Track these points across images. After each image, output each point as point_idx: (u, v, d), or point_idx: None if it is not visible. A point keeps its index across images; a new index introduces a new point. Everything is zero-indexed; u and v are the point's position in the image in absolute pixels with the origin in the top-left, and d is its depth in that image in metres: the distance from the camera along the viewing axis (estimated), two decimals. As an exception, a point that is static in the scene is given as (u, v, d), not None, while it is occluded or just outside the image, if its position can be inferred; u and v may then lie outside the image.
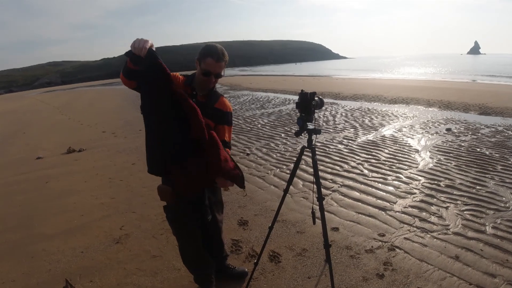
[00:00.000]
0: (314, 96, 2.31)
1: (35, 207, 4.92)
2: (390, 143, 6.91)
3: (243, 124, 10.20)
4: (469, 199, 4.18)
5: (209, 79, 2.21)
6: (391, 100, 13.45)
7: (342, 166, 5.68)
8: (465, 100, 12.10)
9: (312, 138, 2.40)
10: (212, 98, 2.33)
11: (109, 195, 5.07)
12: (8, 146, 10.31)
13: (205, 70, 2.17)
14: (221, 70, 2.21)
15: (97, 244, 3.68)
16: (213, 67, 2.16)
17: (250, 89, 22.41)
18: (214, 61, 2.15)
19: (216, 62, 2.16)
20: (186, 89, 2.23)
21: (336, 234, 3.53)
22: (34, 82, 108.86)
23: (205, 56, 2.16)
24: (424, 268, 2.90)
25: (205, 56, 2.16)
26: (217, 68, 2.18)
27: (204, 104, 2.27)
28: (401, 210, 3.99)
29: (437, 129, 8.04)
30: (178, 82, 2.26)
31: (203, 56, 2.17)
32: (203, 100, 2.30)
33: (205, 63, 2.16)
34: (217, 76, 2.23)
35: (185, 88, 2.24)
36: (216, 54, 2.16)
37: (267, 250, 3.21)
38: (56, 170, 6.82)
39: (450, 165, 5.42)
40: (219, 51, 2.17)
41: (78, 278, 3.08)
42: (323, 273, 2.91)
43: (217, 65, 2.17)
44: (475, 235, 3.39)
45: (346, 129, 8.58)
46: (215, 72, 2.19)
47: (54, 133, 11.92)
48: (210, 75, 2.19)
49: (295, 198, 4.52)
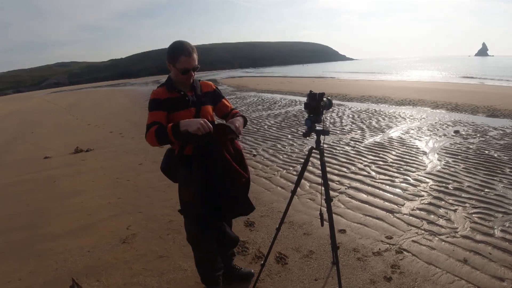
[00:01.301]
0: (323, 96, 2.29)
1: (42, 206, 4.96)
2: (398, 145, 6.87)
3: (249, 125, 10.18)
4: (478, 202, 4.13)
5: (189, 75, 2.30)
6: (398, 101, 13.37)
7: (349, 167, 5.65)
8: (473, 102, 11.98)
9: (320, 139, 2.39)
10: (196, 88, 2.42)
11: (116, 195, 5.09)
12: (17, 145, 10.41)
13: (183, 69, 2.25)
14: (195, 62, 2.29)
15: (104, 243, 3.69)
16: (188, 63, 2.24)
17: (257, 90, 22.42)
18: (187, 57, 2.23)
19: (189, 57, 2.24)
20: (173, 94, 2.32)
21: (343, 236, 3.51)
22: (42, 83, 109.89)
23: (177, 56, 2.23)
24: (432, 271, 2.87)
25: (177, 56, 2.24)
26: (192, 63, 2.26)
27: (196, 97, 2.39)
28: (409, 213, 3.95)
29: (445, 131, 7.97)
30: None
31: (175, 57, 2.25)
32: (192, 94, 2.38)
33: (179, 62, 2.23)
34: (195, 69, 2.32)
35: (172, 94, 2.32)
36: (186, 50, 2.23)
37: (273, 251, 3.20)
38: (64, 170, 6.87)
39: (458, 167, 5.37)
40: (188, 46, 2.25)
41: (84, 278, 3.08)
42: (330, 276, 2.89)
43: (191, 59, 2.24)
44: (483, 238, 3.35)
45: (353, 130, 8.54)
46: (191, 67, 2.27)
47: (61, 133, 12.02)
48: (189, 71, 2.27)
49: (302, 199, 4.50)
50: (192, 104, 2.35)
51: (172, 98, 2.31)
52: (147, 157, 7.10)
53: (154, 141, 2.19)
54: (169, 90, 2.33)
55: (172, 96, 2.31)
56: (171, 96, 2.32)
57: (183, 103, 2.31)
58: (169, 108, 2.30)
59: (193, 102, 2.36)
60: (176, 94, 2.32)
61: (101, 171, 6.48)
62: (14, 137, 12.15)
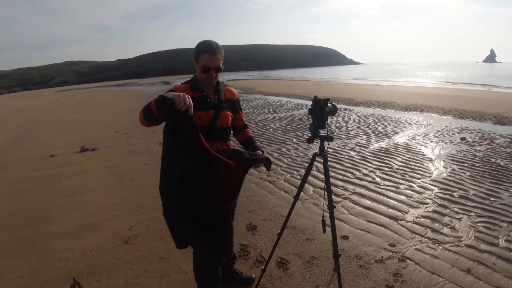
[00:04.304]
0: (327, 102, 2.28)
1: (46, 204, 4.98)
2: (403, 151, 6.82)
3: (255, 128, 10.19)
4: (483, 211, 4.09)
5: (210, 74, 2.23)
6: (405, 107, 13.31)
7: (354, 173, 5.62)
8: (480, 109, 11.89)
9: (324, 145, 2.37)
10: (221, 92, 2.37)
11: (119, 195, 5.10)
12: (23, 143, 10.48)
13: (204, 66, 2.20)
14: (219, 63, 2.24)
15: (106, 243, 3.70)
16: (210, 61, 2.19)
17: (263, 93, 22.44)
18: (210, 56, 2.18)
19: (212, 56, 2.19)
20: (196, 94, 2.24)
21: (345, 243, 3.48)
22: (50, 81, 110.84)
23: (201, 53, 2.20)
24: (435, 281, 2.84)
25: (200, 54, 2.20)
26: (215, 62, 2.21)
27: (218, 100, 2.32)
28: (413, 220, 3.92)
29: (451, 138, 7.91)
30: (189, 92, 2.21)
31: (199, 54, 2.21)
32: (214, 97, 2.33)
33: (201, 60, 2.20)
34: (217, 70, 2.25)
35: (194, 93, 2.24)
36: (211, 48, 2.19)
37: (275, 256, 3.18)
38: (69, 168, 6.90)
39: (464, 175, 5.32)
40: (213, 45, 2.20)
41: (85, 277, 3.09)
42: (332, 282, 2.87)
43: (214, 58, 2.20)
44: (487, 248, 3.31)
45: (358, 135, 8.50)
46: (213, 67, 2.21)
47: (68, 131, 12.09)
48: (210, 70, 2.21)
49: (305, 204, 4.48)
50: (212, 106, 2.29)
51: (193, 97, 2.15)
52: (152, 158, 7.12)
53: (140, 115, 2.13)
54: (192, 89, 2.28)
55: (193, 95, 2.20)
56: (193, 95, 2.17)
57: (204, 103, 2.24)
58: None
59: (213, 104, 2.30)
60: (198, 94, 2.26)
61: (106, 171, 6.50)
62: (20, 134, 12.23)
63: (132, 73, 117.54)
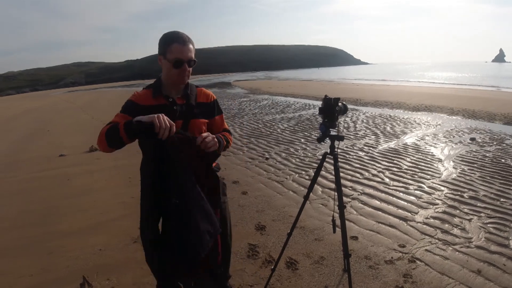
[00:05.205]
0: (338, 102, 2.27)
1: (55, 204, 5.02)
2: (413, 152, 6.77)
3: (262, 128, 10.20)
4: (493, 212, 4.04)
5: (183, 69, 1.88)
6: (414, 107, 13.21)
7: (363, 173, 5.59)
8: (490, 109, 11.76)
9: (334, 144, 2.36)
10: (191, 96, 2.02)
11: (128, 195, 5.12)
12: (33, 143, 10.58)
13: (176, 59, 1.84)
14: (192, 54, 1.89)
15: (116, 242, 3.71)
16: (182, 52, 1.84)
17: (270, 93, 22.44)
18: (181, 46, 1.84)
19: (184, 46, 1.85)
20: (159, 101, 1.94)
21: (355, 243, 3.46)
22: (59, 82, 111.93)
23: (169, 44, 1.85)
24: (445, 282, 2.81)
25: (168, 44, 1.85)
26: (187, 53, 1.86)
27: (186, 105, 1.98)
28: (423, 221, 3.88)
29: (461, 138, 7.84)
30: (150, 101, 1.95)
31: (167, 45, 1.86)
32: (183, 102, 1.98)
33: (171, 51, 1.84)
34: (191, 63, 1.91)
35: (157, 99, 1.94)
36: (180, 37, 1.86)
37: (284, 256, 3.17)
38: (78, 168, 6.96)
39: (474, 176, 5.26)
40: (183, 34, 1.88)
41: (95, 276, 3.10)
42: (341, 283, 2.85)
43: (186, 48, 1.85)
44: (498, 249, 3.27)
45: (367, 136, 8.46)
46: (187, 58, 1.86)
47: (77, 131, 12.18)
48: (183, 63, 1.86)
49: (314, 204, 4.46)
50: (179, 115, 1.93)
51: (154, 106, 1.90)
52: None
53: (103, 141, 1.79)
54: (154, 95, 1.94)
55: (156, 103, 1.91)
56: (155, 104, 1.91)
57: (169, 113, 1.78)
58: None
59: (181, 113, 1.94)
60: (162, 101, 1.93)
61: (115, 170, 6.54)
62: (30, 134, 12.36)
63: (140, 74, 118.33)
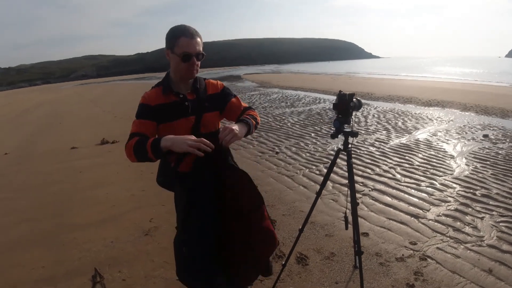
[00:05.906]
0: (353, 97, 2.24)
1: (68, 196, 5.08)
2: (424, 148, 6.70)
3: (272, 122, 10.17)
4: (505, 210, 3.98)
5: (191, 63, 1.86)
6: (426, 102, 13.04)
7: (374, 169, 5.55)
8: (503, 106, 11.55)
9: (348, 140, 2.34)
10: (200, 90, 2.02)
11: (140, 188, 5.17)
12: (45, 136, 10.73)
13: (183, 53, 1.83)
14: (200, 47, 1.87)
15: (127, 235, 3.75)
16: (190, 46, 1.83)
17: (280, 87, 22.36)
18: (188, 39, 1.83)
19: (191, 39, 1.83)
20: (170, 98, 1.94)
21: (365, 240, 3.44)
22: (70, 75, 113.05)
23: (177, 38, 1.83)
24: (456, 281, 2.78)
25: (176, 38, 1.84)
26: (195, 46, 1.85)
27: (197, 100, 1.99)
28: (434, 219, 3.84)
29: (473, 134, 7.72)
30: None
31: (174, 39, 1.84)
32: (194, 97, 1.98)
33: (179, 45, 1.83)
34: (199, 57, 1.89)
35: (168, 97, 1.94)
36: (187, 31, 1.84)
37: (294, 251, 3.17)
38: (90, 160, 7.03)
39: (487, 173, 5.19)
40: (189, 28, 1.86)
41: (107, 268, 3.15)
42: (351, 279, 2.84)
43: (194, 42, 1.84)
44: (510, 248, 3.22)
45: (378, 131, 8.38)
46: (195, 52, 1.85)
47: (89, 124, 12.31)
48: (191, 57, 1.85)
49: (325, 200, 4.44)
50: (192, 111, 1.94)
51: (166, 104, 1.91)
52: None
53: (132, 156, 1.84)
54: (164, 93, 1.93)
55: (167, 101, 1.92)
56: (166, 102, 1.92)
57: (182, 110, 1.90)
58: (162, 117, 1.91)
59: (193, 108, 1.95)
60: (173, 98, 1.93)
61: (126, 163, 6.58)
62: (42, 127, 12.52)
63: (151, 67, 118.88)
